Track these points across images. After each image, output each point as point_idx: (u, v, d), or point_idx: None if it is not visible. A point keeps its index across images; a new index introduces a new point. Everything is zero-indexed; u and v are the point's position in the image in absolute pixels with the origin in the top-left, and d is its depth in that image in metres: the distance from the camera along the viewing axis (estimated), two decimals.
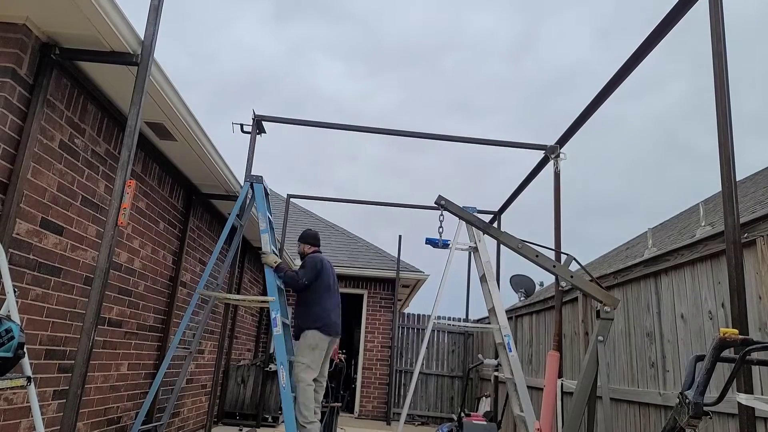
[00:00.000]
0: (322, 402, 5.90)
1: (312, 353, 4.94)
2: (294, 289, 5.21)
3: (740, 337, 2.00)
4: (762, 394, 2.82)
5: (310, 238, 5.60)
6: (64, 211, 3.71)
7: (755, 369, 2.82)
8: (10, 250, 3.17)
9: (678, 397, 2.05)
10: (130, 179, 3.16)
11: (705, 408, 1.96)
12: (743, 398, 2.47)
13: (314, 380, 4.96)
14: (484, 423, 5.65)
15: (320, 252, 5.55)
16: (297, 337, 5.15)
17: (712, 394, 2.26)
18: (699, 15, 3.31)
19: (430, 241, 5.45)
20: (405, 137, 6.22)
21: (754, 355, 2.27)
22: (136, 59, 3.35)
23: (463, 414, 6.16)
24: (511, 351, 5.33)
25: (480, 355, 8.82)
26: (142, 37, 3.35)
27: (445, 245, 5.46)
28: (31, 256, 3.39)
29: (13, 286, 2.68)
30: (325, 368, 5.26)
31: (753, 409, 2.57)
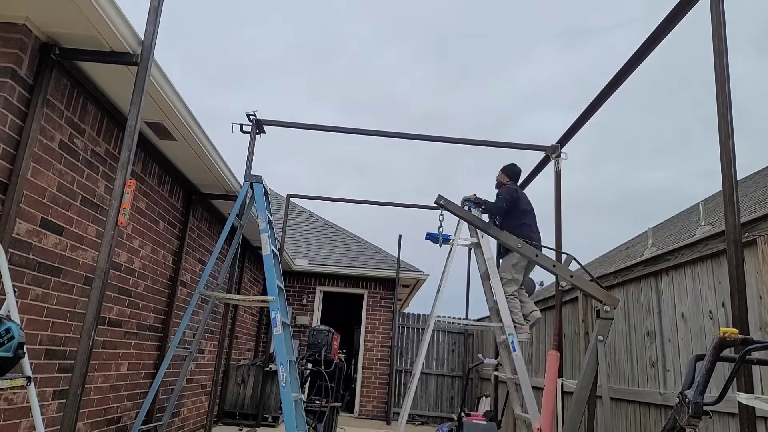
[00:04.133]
0: (322, 401, 5.90)
1: (513, 269, 5.64)
2: (495, 213, 5.79)
3: (740, 336, 2.00)
4: (762, 394, 2.81)
5: (511, 172, 6.10)
6: (64, 211, 3.70)
7: (755, 368, 2.82)
8: (10, 250, 3.17)
9: (678, 397, 2.05)
10: (130, 179, 3.16)
11: (705, 407, 1.95)
12: (743, 398, 2.46)
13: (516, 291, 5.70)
14: (485, 423, 5.64)
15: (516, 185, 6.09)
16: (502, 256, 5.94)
17: (712, 393, 2.25)
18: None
19: (430, 236, 5.35)
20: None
21: (754, 355, 2.26)
22: (136, 59, 3.35)
23: (463, 414, 6.17)
24: (515, 350, 5.30)
25: (480, 355, 8.81)
26: (141, 37, 3.35)
27: (445, 240, 5.39)
28: (31, 256, 3.38)
29: (13, 286, 2.68)
30: (527, 280, 6.02)
31: (753, 408, 2.57)
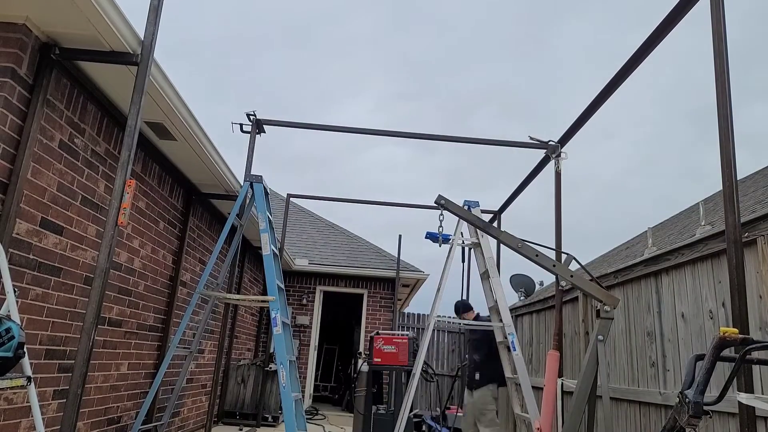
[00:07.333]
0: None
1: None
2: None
3: (740, 336, 2.00)
4: (762, 394, 2.82)
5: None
6: (64, 211, 3.70)
7: (755, 368, 2.82)
8: (10, 250, 3.17)
9: (678, 397, 2.05)
10: (130, 179, 3.16)
11: (705, 407, 1.95)
12: (743, 397, 2.46)
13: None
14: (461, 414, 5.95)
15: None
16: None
17: (712, 393, 2.25)
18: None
19: (430, 236, 5.34)
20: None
21: (754, 354, 2.26)
22: (136, 59, 3.35)
23: (447, 407, 6.48)
24: (515, 350, 5.29)
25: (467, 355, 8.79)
26: (141, 36, 3.35)
27: (445, 240, 5.37)
28: (31, 256, 3.38)
29: (13, 285, 2.68)
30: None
31: (753, 408, 2.57)
